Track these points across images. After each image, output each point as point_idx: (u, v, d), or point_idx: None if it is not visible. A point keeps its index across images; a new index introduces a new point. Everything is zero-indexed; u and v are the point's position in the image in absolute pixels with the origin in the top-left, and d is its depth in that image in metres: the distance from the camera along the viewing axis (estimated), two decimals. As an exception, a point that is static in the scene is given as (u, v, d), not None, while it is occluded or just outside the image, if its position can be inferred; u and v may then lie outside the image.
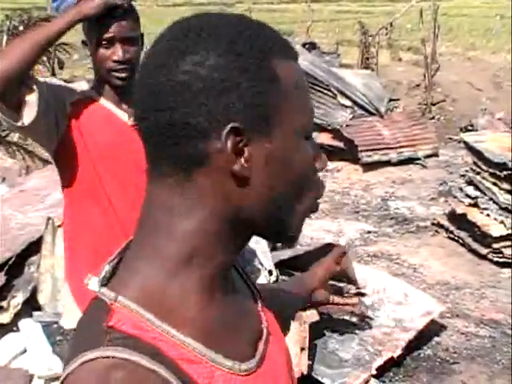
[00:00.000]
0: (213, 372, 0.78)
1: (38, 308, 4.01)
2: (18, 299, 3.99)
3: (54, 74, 9.68)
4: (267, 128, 0.77)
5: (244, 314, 0.88)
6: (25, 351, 3.58)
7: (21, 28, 8.96)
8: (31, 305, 4.01)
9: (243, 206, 0.79)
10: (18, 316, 3.92)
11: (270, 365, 0.87)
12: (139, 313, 0.76)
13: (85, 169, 2.20)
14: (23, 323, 3.83)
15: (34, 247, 4.23)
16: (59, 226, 4.00)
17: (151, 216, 0.80)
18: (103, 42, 2.12)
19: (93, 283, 0.80)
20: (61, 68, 10.04)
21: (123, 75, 2.16)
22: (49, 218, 4.17)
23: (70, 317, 2.36)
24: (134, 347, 0.72)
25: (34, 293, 4.05)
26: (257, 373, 0.83)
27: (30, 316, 3.89)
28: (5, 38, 8.76)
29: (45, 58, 9.09)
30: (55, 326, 3.81)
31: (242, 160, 0.76)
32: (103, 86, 2.22)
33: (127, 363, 0.71)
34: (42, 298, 4.04)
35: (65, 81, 2.83)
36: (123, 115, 2.24)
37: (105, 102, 2.23)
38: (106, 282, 0.81)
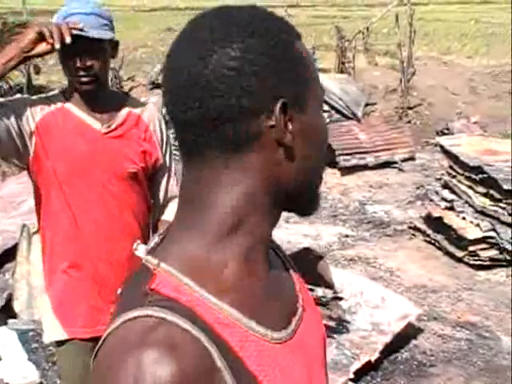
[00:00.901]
0: (246, 336, 0.83)
1: (14, 316, 3.97)
2: (-8, 307, 3.95)
3: (29, 80, 9.61)
4: (303, 102, 0.85)
5: (280, 290, 0.94)
6: (0, 359, 3.55)
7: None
8: (6, 312, 3.97)
9: (283, 177, 0.86)
10: (-8, 324, 3.88)
11: (300, 340, 0.92)
12: (179, 278, 0.82)
13: (51, 185, 2.24)
14: (-2, 331, 3.79)
15: (10, 254, 4.19)
16: (34, 233, 3.97)
17: (193, 193, 0.87)
18: (67, 51, 2.12)
19: (140, 250, 0.87)
20: (37, 73, 9.98)
21: (86, 79, 2.17)
22: (24, 225, 4.14)
23: (49, 329, 2.35)
24: (172, 308, 0.78)
25: (9, 300, 4.02)
26: (287, 343, 0.89)
27: (5, 324, 3.86)
28: (-20, 42, 8.68)
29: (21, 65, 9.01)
30: (31, 333, 3.78)
31: (288, 133, 0.84)
32: (74, 95, 2.25)
33: (164, 322, 0.76)
34: (17, 306, 4.01)
35: (39, 88, 2.80)
36: (95, 123, 2.25)
37: (76, 111, 2.25)
38: (151, 252, 0.87)
